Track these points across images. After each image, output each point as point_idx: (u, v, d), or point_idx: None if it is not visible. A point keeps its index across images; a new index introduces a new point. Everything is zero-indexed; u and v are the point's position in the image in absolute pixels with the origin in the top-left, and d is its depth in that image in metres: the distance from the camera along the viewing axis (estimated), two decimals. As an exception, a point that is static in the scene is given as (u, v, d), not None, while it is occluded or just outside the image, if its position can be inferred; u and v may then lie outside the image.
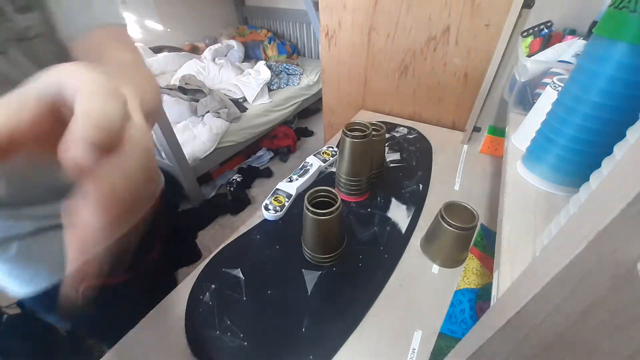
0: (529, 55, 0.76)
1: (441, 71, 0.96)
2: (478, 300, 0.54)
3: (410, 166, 0.85)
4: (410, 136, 0.98)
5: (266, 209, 0.68)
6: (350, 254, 0.61)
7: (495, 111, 1.00)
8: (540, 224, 0.44)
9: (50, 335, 0.94)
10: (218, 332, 0.49)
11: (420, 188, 0.77)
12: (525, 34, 0.83)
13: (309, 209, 0.52)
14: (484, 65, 0.85)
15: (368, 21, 0.99)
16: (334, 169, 0.82)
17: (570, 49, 0.69)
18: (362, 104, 1.18)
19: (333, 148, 0.87)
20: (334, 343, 0.48)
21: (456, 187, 0.78)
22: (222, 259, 0.61)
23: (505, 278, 0.38)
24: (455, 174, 0.82)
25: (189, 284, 0.56)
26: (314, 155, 0.83)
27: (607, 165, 0.33)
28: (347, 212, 0.70)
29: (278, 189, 0.73)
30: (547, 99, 0.55)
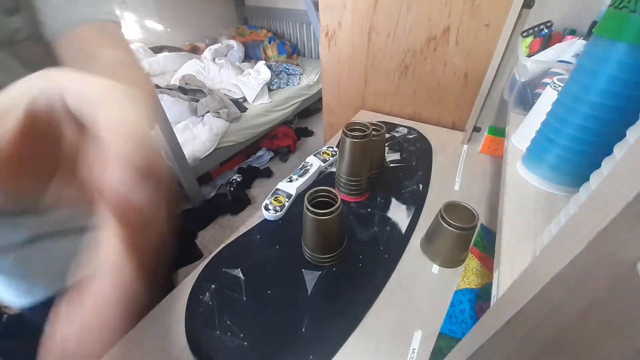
0: (529, 55, 0.76)
1: (441, 71, 0.96)
2: (478, 300, 0.54)
3: (410, 166, 0.85)
4: (410, 136, 0.98)
5: (266, 209, 0.68)
6: (350, 254, 0.61)
7: (495, 111, 1.00)
8: (540, 224, 0.44)
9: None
10: (218, 332, 0.49)
11: (420, 188, 0.77)
12: (525, 34, 0.83)
13: (309, 209, 0.52)
14: (484, 65, 0.85)
15: (368, 21, 0.99)
16: (334, 169, 0.82)
17: (570, 49, 0.69)
18: (362, 104, 1.18)
19: (333, 148, 0.87)
20: (334, 343, 0.48)
21: (456, 187, 0.78)
22: (222, 259, 0.61)
23: (505, 278, 0.38)
24: (455, 174, 0.82)
25: (189, 284, 0.56)
26: (314, 155, 0.83)
27: (607, 165, 0.33)
28: (347, 212, 0.70)
29: (278, 189, 0.73)
30: (547, 99, 0.55)
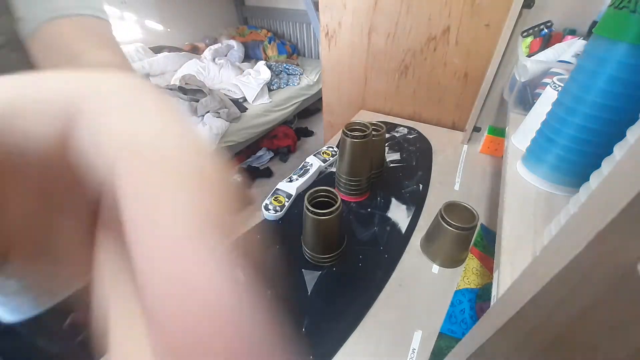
0: (529, 55, 0.76)
1: (441, 71, 0.96)
2: (478, 300, 0.54)
3: (410, 166, 0.85)
4: (410, 136, 0.98)
5: (266, 209, 0.68)
6: (350, 254, 0.61)
7: (495, 111, 1.00)
8: (540, 224, 0.44)
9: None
10: (218, 332, 0.48)
11: (420, 188, 0.77)
12: (525, 34, 0.83)
13: (309, 209, 0.52)
14: (484, 65, 0.85)
15: (368, 21, 0.99)
16: (334, 169, 0.82)
17: (570, 49, 0.69)
18: (362, 104, 1.18)
19: (333, 148, 0.87)
20: (334, 343, 0.48)
21: (456, 187, 0.78)
22: (222, 259, 0.60)
23: (505, 278, 0.38)
24: (455, 174, 0.82)
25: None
26: (314, 155, 0.83)
27: (607, 165, 0.33)
28: (347, 212, 0.70)
29: (278, 189, 0.73)
30: (547, 99, 0.55)
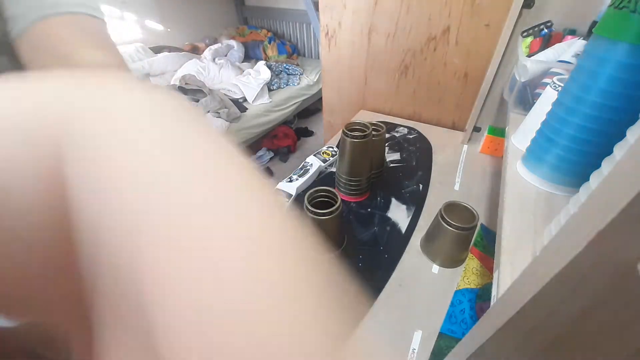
0: (529, 55, 0.76)
1: (441, 71, 0.96)
2: (478, 300, 0.54)
3: (410, 166, 0.85)
4: (410, 136, 0.98)
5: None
6: (350, 254, 0.61)
7: (495, 111, 1.00)
8: (540, 224, 0.44)
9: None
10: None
11: (420, 188, 0.77)
12: (525, 34, 0.83)
13: (308, 209, 0.52)
14: (484, 65, 0.85)
15: (368, 21, 0.99)
16: (334, 169, 0.82)
17: (570, 49, 0.69)
18: (362, 104, 1.18)
19: (333, 148, 0.87)
20: (334, 343, 0.48)
21: (456, 187, 0.78)
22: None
23: (505, 278, 0.38)
24: (455, 174, 0.82)
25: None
26: (314, 155, 0.83)
27: (607, 165, 0.33)
28: (347, 212, 0.70)
29: (278, 189, 0.73)
30: (547, 99, 0.55)
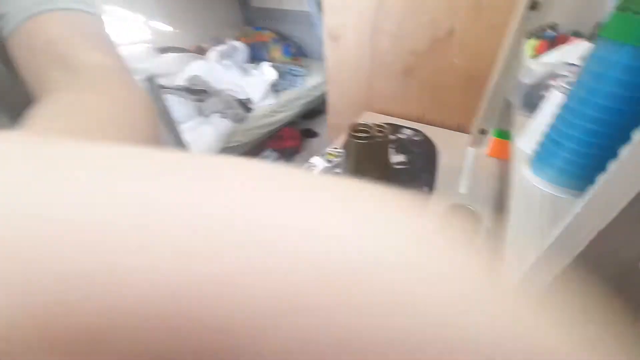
0: (535, 57, 0.76)
1: (446, 73, 0.96)
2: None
3: (416, 168, 0.85)
4: (416, 138, 0.99)
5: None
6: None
7: (501, 113, 1.00)
8: (547, 227, 0.44)
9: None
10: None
11: (426, 190, 0.77)
12: (530, 35, 0.83)
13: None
14: (489, 67, 0.85)
15: (373, 23, 0.99)
16: (339, 170, 0.83)
17: (576, 50, 0.69)
18: (367, 106, 1.19)
19: (338, 149, 0.87)
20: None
21: (462, 190, 0.78)
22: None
23: (512, 280, 0.38)
24: (461, 176, 0.82)
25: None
26: (319, 156, 0.84)
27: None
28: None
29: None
30: (553, 101, 0.55)
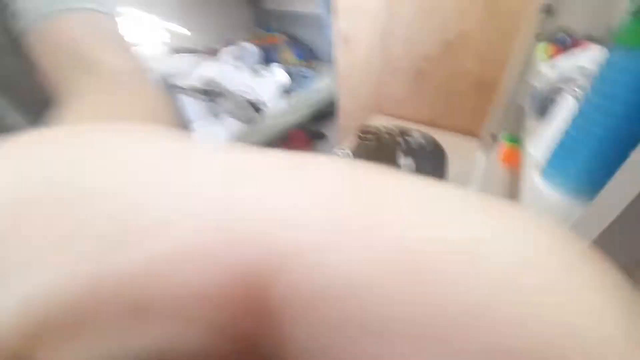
0: (547, 62, 0.75)
1: (457, 77, 0.96)
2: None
3: (425, 172, 0.85)
4: (425, 142, 0.98)
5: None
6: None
7: (513, 119, 0.99)
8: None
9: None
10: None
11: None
12: (543, 40, 0.82)
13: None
14: (500, 72, 0.84)
15: (384, 26, 1.00)
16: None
17: (589, 55, 0.68)
18: (377, 108, 1.19)
19: (346, 151, 0.88)
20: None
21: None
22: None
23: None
24: (470, 181, 0.82)
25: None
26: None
27: (624, 173, 0.32)
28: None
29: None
30: (566, 107, 0.54)
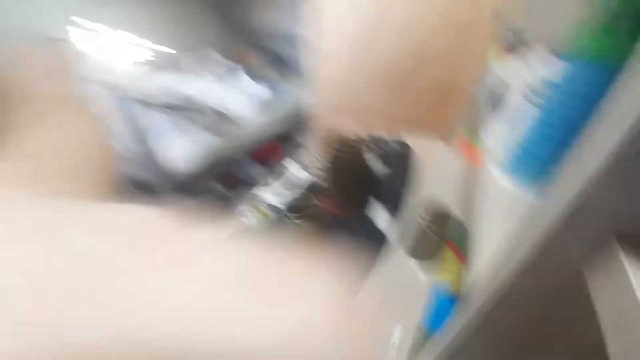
0: (498, 61, 0.78)
1: (421, 79, 0.99)
2: (455, 294, 0.56)
3: (397, 176, 0.87)
4: (396, 147, 1.00)
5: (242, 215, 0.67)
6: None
7: (472, 117, 1.03)
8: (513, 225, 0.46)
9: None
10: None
11: (406, 195, 0.79)
12: (497, 41, 0.85)
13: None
14: (460, 73, 0.88)
15: (353, 34, 1.00)
16: (320, 180, 0.83)
17: (539, 57, 0.71)
18: (351, 118, 1.19)
19: (319, 160, 0.87)
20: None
21: (439, 193, 0.80)
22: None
23: (478, 277, 0.40)
24: (440, 181, 0.84)
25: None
26: (298, 165, 0.83)
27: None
28: (333, 223, 0.72)
29: (257, 196, 0.72)
30: (519, 107, 0.56)
